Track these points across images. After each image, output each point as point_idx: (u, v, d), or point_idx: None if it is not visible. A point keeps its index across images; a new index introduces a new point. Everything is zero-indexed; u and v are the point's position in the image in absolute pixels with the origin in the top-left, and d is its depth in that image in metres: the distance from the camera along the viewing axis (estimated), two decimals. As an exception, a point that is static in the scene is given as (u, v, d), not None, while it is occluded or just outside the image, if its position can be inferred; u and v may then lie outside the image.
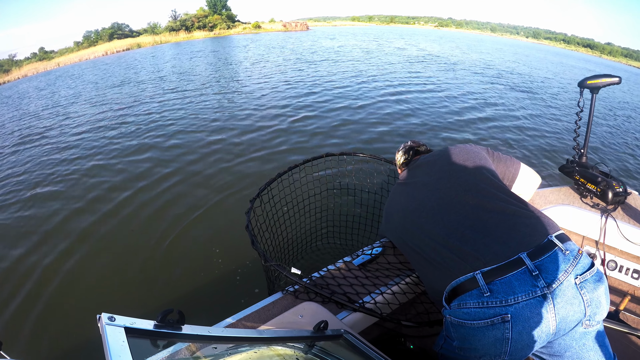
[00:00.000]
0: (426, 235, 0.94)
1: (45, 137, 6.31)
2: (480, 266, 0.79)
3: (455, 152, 1.11)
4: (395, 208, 1.13)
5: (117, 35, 40.22)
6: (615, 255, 1.50)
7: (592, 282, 0.77)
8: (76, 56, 29.28)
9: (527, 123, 6.04)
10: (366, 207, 1.89)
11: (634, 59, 61.20)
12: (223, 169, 4.05)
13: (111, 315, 0.52)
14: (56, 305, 2.31)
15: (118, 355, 0.48)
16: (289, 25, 42.37)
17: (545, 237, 0.80)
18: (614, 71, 22.35)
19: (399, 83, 8.75)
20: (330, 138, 4.89)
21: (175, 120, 6.22)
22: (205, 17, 43.84)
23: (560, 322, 0.75)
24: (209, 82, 9.85)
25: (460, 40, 32.55)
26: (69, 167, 4.59)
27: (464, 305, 0.79)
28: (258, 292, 2.17)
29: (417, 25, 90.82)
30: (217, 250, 2.67)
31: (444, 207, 0.96)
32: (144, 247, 2.79)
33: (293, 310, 0.96)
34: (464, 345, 0.81)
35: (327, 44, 20.36)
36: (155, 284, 2.42)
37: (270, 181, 1.50)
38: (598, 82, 1.45)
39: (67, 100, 9.74)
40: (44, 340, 2.03)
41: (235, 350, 0.70)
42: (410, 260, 1.03)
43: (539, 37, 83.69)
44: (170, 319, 0.57)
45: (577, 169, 1.62)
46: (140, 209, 3.34)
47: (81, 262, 2.70)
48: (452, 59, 15.11)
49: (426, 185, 1.06)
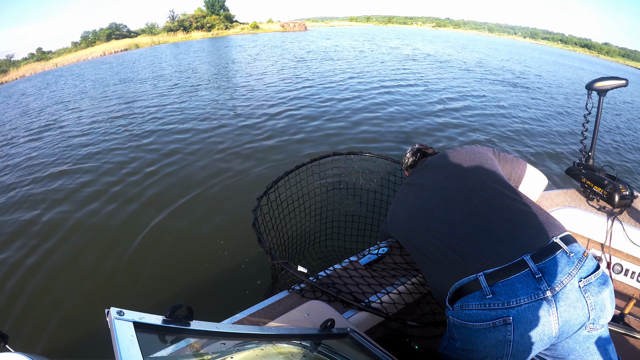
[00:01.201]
0: (432, 234, 0.94)
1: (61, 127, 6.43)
2: (483, 268, 0.79)
3: (461, 153, 1.11)
4: (401, 208, 1.13)
5: (115, 35, 40.24)
6: (621, 259, 1.49)
7: (597, 285, 0.76)
8: (74, 57, 29.27)
9: (531, 124, 6.04)
10: (373, 206, 1.88)
11: (631, 58, 61.53)
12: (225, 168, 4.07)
13: (120, 310, 0.51)
14: (63, 299, 2.32)
15: (127, 349, 0.47)
16: (287, 25, 42.68)
17: (549, 239, 0.79)
18: (613, 71, 22.71)
19: (390, 80, 8.99)
20: (334, 137, 4.94)
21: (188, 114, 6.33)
22: (203, 18, 43.93)
23: (563, 325, 0.74)
24: (208, 79, 9.98)
25: (457, 40, 32.87)
26: (81, 159, 4.64)
27: (466, 307, 0.79)
28: (260, 284, 2.19)
29: (415, 25, 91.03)
30: (222, 242, 2.72)
31: (450, 206, 0.96)
32: (150, 241, 2.81)
33: (299, 309, 0.96)
34: (467, 347, 0.81)
35: (324, 43, 20.75)
36: (160, 278, 2.43)
37: (278, 179, 1.50)
38: (606, 84, 1.43)
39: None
40: (51, 335, 2.04)
41: (242, 347, 0.70)
42: (415, 260, 1.02)
43: (536, 37, 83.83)
44: (179, 314, 0.56)
45: (584, 171, 1.60)
46: (148, 204, 3.36)
47: (88, 256, 2.71)
48: (447, 57, 15.43)
49: (433, 185, 1.06)
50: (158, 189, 3.64)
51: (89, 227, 3.07)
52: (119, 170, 4.19)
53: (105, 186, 3.81)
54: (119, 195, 3.58)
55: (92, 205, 3.41)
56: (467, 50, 21.09)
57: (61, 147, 5.35)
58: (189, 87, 9.04)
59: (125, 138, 5.35)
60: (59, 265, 2.63)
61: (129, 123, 6.15)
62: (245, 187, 3.58)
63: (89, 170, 4.29)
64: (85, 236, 2.95)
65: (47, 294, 2.39)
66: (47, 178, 4.24)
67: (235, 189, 3.55)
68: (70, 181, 4.05)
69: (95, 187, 3.82)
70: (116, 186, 3.78)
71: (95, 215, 3.23)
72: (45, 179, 4.21)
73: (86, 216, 3.24)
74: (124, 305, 0.53)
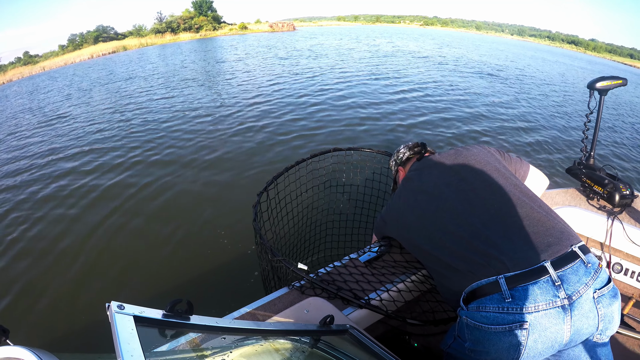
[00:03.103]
0: (448, 237, 0.91)
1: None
2: (504, 270, 0.78)
3: (474, 154, 1.08)
4: (409, 209, 1.07)
5: (103, 38, 39.98)
6: (621, 258, 1.49)
7: (609, 297, 0.77)
8: (62, 60, 28.94)
9: (530, 123, 6.10)
10: (373, 202, 1.89)
11: (617, 54, 62.25)
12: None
13: (120, 304, 0.51)
14: (64, 293, 2.34)
15: (127, 343, 0.47)
16: (275, 25, 42.83)
17: (569, 247, 0.80)
18: (601, 67, 22.96)
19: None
20: (337, 134, 5.01)
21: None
22: (191, 19, 43.86)
23: (574, 333, 0.75)
24: (195, 78, 10.14)
25: (442, 38, 33.18)
26: (88, 156, 4.69)
27: (483, 309, 0.78)
28: (257, 275, 2.22)
29: (403, 24, 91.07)
30: (224, 233, 2.77)
31: (468, 208, 0.93)
32: (152, 235, 2.85)
33: (299, 305, 0.95)
34: (477, 348, 0.80)
35: (311, 42, 21.21)
36: (161, 271, 2.46)
37: (278, 175, 1.50)
38: (608, 84, 1.43)
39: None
40: (51, 328, 2.06)
41: (241, 342, 0.69)
42: (423, 261, 1.00)
43: (523, 35, 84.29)
44: (179, 308, 0.56)
45: (584, 170, 1.60)
46: (149, 199, 3.39)
47: (89, 250, 2.72)
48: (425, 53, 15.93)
49: (448, 186, 1.01)
50: (158, 183, 3.67)
51: (87, 222, 3.08)
52: (117, 166, 4.24)
53: (104, 180, 3.84)
54: (118, 189, 3.61)
55: (91, 199, 3.45)
56: (451, 47, 21.50)
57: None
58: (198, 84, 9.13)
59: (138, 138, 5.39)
60: (58, 259, 2.64)
61: (141, 122, 6.18)
62: (249, 178, 3.64)
63: (86, 167, 4.32)
64: (84, 230, 2.96)
65: (47, 287, 2.39)
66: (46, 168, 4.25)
67: (238, 180, 3.62)
68: (65, 182, 4.06)
69: (95, 182, 3.85)
70: (113, 180, 3.83)
71: (95, 211, 3.25)
72: (45, 172, 4.22)
73: (88, 210, 3.26)
74: (125, 298, 0.52)
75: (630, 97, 10.46)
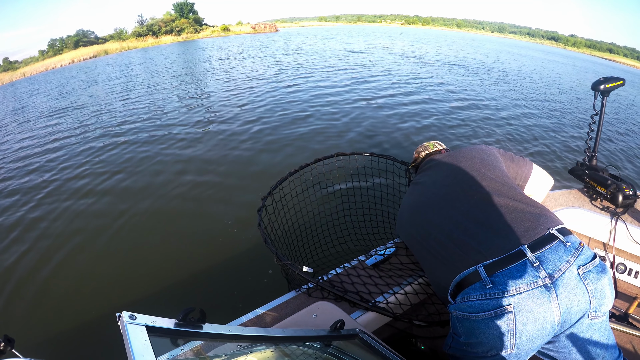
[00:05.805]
0: (433, 228, 0.96)
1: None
2: (482, 259, 0.80)
3: (465, 151, 1.14)
4: (406, 206, 1.15)
5: (83, 42, 39.07)
6: (625, 259, 1.49)
7: (595, 272, 0.77)
8: (42, 65, 28.10)
9: (529, 124, 6.09)
10: (377, 207, 1.88)
11: (597, 49, 63.19)
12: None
13: (132, 314, 0.50)
14: (71, 301, 2.28)
15: (141, 354, 0.45)
16: (257, 27, 42.51)
17: (546, 230, 0.81)
18: (578, 61, 23.70)
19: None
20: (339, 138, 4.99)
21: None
22: (172, 22, 43.13)
23: (565, 312, 0.75)
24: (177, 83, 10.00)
25: (420, 36, 33.08)
26: (89, 163, 4.63)
27: (467, 299, 0.79)
28: (272, 273, 2.28)
29: (384, 23, 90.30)
30: (235, 230, 2.79)
31: (450, 202, 0.98)
32: (159, 237, 2.84)
33: (307, 310, 0.95)
34: (471, 340, 0.81)
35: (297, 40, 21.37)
36: (163, 277, 2.41)
37: (282, 180, 1.50)
38: (612, 85, 1.43)
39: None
40: (58, 339, 2.00)
41: (252, 348, 0.68)
42: (417, 257, 1.03)
43: (504, 32, 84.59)
44: (192, 317, 0.55)
45: (587, 171, 1.59)
46: (158, 203, 3.35)
47: (96, 257, 2.68)
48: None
49: (435, 182, 1.08)
50: (171, 187, 3.64)
51: (95, 228, 3.04)
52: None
53: (113, 183, 3.83)
54: (129, 194, 3.58)
55: (102, 204, 3.42)
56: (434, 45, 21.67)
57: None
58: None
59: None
60: (64, 267, 2.60)
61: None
62: (256, 179, 3.64)
63: (89, 172, 4.33)
64: (91, 238, 2.92)
65: (53, 296, 2.34)
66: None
67: (247, 181, 3.62)
68: (68, 185, 4.07)
69: (100, 186, 3.82)
70: (123, 182, 3.83)
71: (100, 217, 3.20)
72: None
73: (92, 217, 3.22)
74: (135, 307, 0.50)
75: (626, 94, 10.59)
